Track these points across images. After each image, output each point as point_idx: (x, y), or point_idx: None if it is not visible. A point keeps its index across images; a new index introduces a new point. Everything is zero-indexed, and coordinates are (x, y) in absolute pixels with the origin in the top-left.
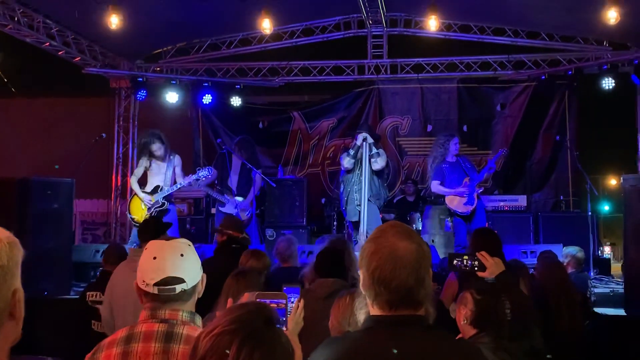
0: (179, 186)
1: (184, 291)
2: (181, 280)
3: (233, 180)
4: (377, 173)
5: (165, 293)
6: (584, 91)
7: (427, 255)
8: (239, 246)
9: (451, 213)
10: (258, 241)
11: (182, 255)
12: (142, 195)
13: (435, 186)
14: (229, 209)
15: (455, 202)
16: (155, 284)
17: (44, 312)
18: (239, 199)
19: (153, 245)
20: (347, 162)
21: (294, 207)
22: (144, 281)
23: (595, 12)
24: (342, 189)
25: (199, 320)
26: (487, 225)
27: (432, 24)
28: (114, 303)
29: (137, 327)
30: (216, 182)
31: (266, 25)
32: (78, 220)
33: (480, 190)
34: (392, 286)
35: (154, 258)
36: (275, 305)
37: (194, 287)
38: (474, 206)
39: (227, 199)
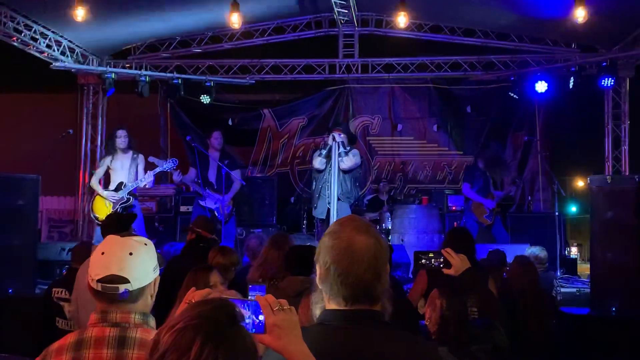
0: (142, 181)
1: (128, 292)
2: (125, 280)
3: (212, 176)
4: (349, 172)
5: (108, 292)
6: (553, 93)
7: (384, 250)
8: (207, 246)
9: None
10: (233, 239)
11: (131, 254)
12: (105, 193)
13: (467, 189)
14: (209, 203)
15: (478, 211)
16: (99, 281)
17: (8, 310)
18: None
19: (106, 240)
20: (318, 162)
21: (263, 205)
22: (90, 277)
23: (564, 14)
24: (313, 185)
25: (152, 321)
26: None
27: (402, 20)
28: (80, 300)
29: (87, 332)
30: (197, 177)
31: (235, 19)
32: (44, 218)
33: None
34: (349, 281)
35: (102, 253)
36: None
37: (142, 289)
38: (491, 221)
39: (208, 192)
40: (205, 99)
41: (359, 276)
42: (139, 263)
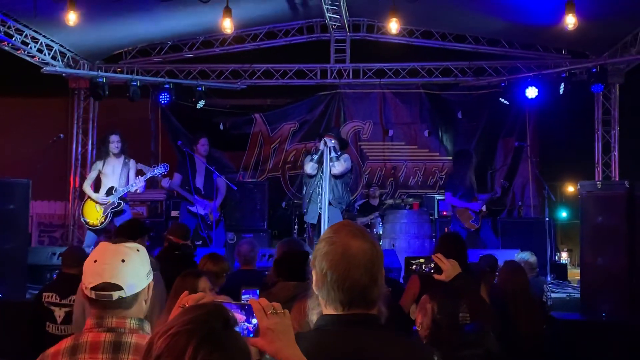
0: (133, 186)
1: (122, 298)
2: (118, 288)
3: (199, 182)
4: (340, 177)
5: (102, 299)
6: (543, 99)
7: (380, 254)
8: (181, 253)
9: (454, 223)
10: (222, 244)
11: (123, 261)
12: (96, 197)
13: (450, 197)
14: (197, 209)
15: (464, 216)
16: (92, 289)
17: None
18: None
19: (98, 248)
20: (310, 167)
21: (254, 210)
22: (84, 284)
23: (554, 21)
24: (304, 190)
25: (147, 327)
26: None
27: (393, 26)
28: (86, 304)
29: (83, 337)
30: (185, 183)
31: (227, 24)
32: (35, 222)
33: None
34: (346, 286)
35: (95, 261)
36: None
37: (136, 295)
38: (478, 226)
39: (197, 199)
40: (200, 104)
41: (355, 281)
42: (131, 270)
